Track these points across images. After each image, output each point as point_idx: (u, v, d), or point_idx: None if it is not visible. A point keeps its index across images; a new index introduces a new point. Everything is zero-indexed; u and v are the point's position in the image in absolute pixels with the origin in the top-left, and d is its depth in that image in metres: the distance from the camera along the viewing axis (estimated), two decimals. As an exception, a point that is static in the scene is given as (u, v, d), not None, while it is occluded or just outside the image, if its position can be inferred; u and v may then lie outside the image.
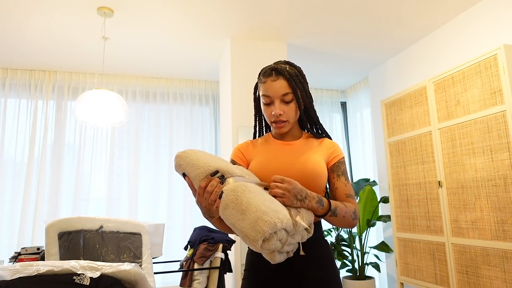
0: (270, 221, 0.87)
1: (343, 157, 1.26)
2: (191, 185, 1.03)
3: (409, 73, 3.47)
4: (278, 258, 0.96)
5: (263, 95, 1.19)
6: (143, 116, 3.94)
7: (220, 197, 0.95)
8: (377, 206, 3.55)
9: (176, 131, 3.99)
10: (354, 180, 4.41)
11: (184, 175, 1.03)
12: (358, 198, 3.68)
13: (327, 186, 1.28)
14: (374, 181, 3.93)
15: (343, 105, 4.71)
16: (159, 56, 3.50)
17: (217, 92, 4.22)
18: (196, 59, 3.60)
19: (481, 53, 2.26)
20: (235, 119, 3.07)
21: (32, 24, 2.83)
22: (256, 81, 1.31)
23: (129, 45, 3.25)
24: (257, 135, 1.37)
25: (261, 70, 1.25)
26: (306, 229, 1.00)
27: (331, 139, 1.31)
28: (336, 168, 1.23)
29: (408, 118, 2.84)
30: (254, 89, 1.31)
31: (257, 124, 1.35)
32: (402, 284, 2.93)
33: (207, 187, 0.96)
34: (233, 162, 1.28)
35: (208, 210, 0.98)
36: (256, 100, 1.31)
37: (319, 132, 1.30)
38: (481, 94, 2.25)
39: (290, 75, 1.18)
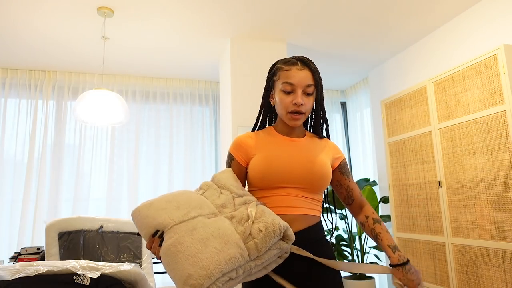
0: (195, 284, 0.86)
1: (345, 158, 1.27)
2: None
3: (409, 73, 3.47)
4: (260, 275, 0.99)
5: (285, 82, 1.15)
6: (143, 116, 3.94)
7: None
8: (377, 206, 3.55)
9: (176, 131, 3.99)
10: (354, 180, 4.41)
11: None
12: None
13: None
14: (374, 181, 3.93)
15: (343, 105, 4.71)
16: (159, 56, 3.50)
17: (217, 92, 4.22)
18: (196, 59, 3.60)
19: (481, 53, 2.26)
20: (235, 119, 3.06)
21: (32, 24, 2.83)
22: (272, 72, 1.25)
23: (129, 45, 3.25)
24: (257, 128, 1.32)
25: (280, 60, 1.22)
26: (283, 239, 1.00)
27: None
28: (344, 170, 1.24)
29: (408, 118, 2.84)
30: (267, 79, 1.26)
31: (262, 116, 1.30)
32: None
33: (151, 250, 0.98)
34: (231, 156, 1.23)
35: None
36: (266, 90, 1.26)
37: (323, 133, 1.29)
38: (481, 94, 2.25)
39: (315, 68, 1.17)
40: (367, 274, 3.58)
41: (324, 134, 1.50)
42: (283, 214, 1.12)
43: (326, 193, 1.31)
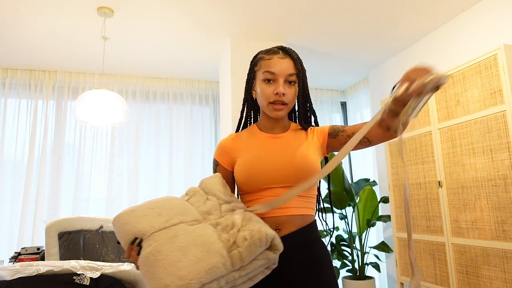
0: None
1: (332, 126, 1.18)
2: None
3: (409, 73, 3.47)
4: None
5: (266, 71, 1.10)
6: (143, 116, 3.94)
7: None
8: (377, 206, 3.55)
9: (176, 131, 3.99)
10: (354, 180, 4.41)
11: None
12: (358, 198, 3.68)
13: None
14: (374, 181, 3.93)
15: (343, 105, 4.71)
16: (159, 56, 3.50)
17: (217, 92, 4.22)
18: (196, 59, 3.60)
19: (481, 53, 2.26)
20: (235, 119, 3.07)
21: (32, 24, 2.83)
22: (253, 63, 1.19)
23: (129, 45, 3.25)
24: (241, 127, 1.26)
25: (261, 51, 1.18)
26: (272, 245, 0.95)
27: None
28: (336, 131, 1.14)
29: (408, 118, 2.84)
30: (249, 70, 1.20)
31: (245, 112, 1.24)
32: (402, 284, 2.93)
33: (130, 259, 0.94)
34: (216, 162, 1.20)
35: None
36: (248, 82, 1.20)
37: (310, 123, 1.22)
38: (481, 94, 2.25)
39: (297, 57, 1.14)
40: (367, 274, 3.58)
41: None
42: (272, 216, 1.07)
43: (319, 187, 1.25)
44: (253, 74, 1.18)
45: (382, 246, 3.51)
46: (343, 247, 3.69)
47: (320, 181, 1.22)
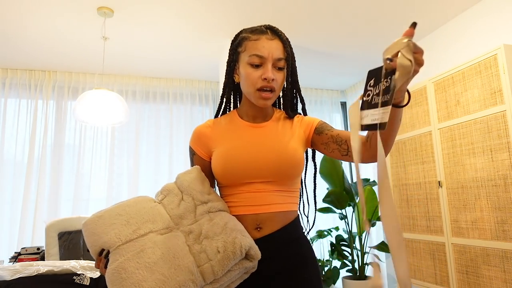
0: None
1: (320, 120, 1.09)
2: None
3: (409, 73, 3.47)
4: None
5: (253, 54, 0.98)
6: (143, 116, 3.94)
7: None
8: (377, 206, 3.55)
9: (176, 131, 3.99)
10: (354, 180, 4.41)
11: None
12: (358, 198, 3.68)
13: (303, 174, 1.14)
14: (374, 181, 3.93)
15: (343, 105, 4.71)
16: (159, 56, 3.50)
17: (217, 92, 4.22)
18: (196, 59, 3.60)
19: (481, 53, 2.26)
20: (235, 119, 3.06)
21: (32, 24, 2.83)
22: (236, 42, 1.06)
23: (129, 45, 3.25)
24: (220, 113, 1.15)
25: (246, 29, 1.05)
26: (247, 255, 0.90)
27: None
28: (321, 129, 1.05)
29: (408, 118, 2.84)
30: (230, 50, 1.07)
31: (226, 97, 1.12)
32: (402, 284, 2.92)
33: (99, 269, 0.89)
34: (192, 150, 1.10)
35: None
36: (230, 65, 1.08)
37: (297, 110, 1.13)
38: (481, 94, 2.25)
39: (286, 39, 1.02)
40: (367, 274, 3.58)
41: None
42: (253, 214, 0.99)
43: (304, 179, 1.17)
44: (236, 55, 1.05)
45: (382, 246, 3.51)
46: (343, 247, 3.69)
47: (305, 174, 1.15)
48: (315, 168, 1.18)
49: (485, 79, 2.23)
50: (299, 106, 2.36)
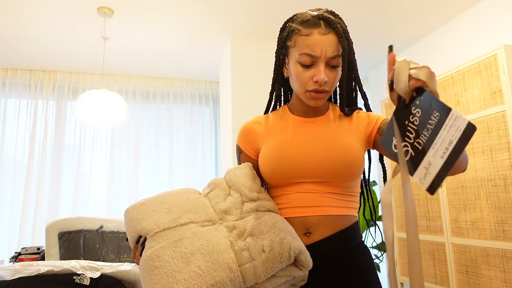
0: None
1: (386, 118, 0.95)
2: None
3: (409, 73, 3.47)
4: None
5: (304, 53, 0.86)
6: (143, 116, 3.94)
7: None
8: (377, 206, 3.55)
9: (176, 131, 3.99)
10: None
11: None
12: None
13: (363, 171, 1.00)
14: (374, 181, 3.93)
15: (343, 105, 4.71)
16: (159, 56, 3.50)
17: (217, 92, 4.22)
18: (196, 59, 3.60)
19: (481, 53, 2.26)
20: (235, 119, 3.07)
21: (32, 24, 2.83)
22: (285, 35, 0.94)
23: (129, 45, 3.25)
24: (270, 108, 1.05)
25: (297, 17, 0.92)
26: (296, 262, 0.80)
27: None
28: (385, 126, 0.95)
29: (408, 118, 2.84)
30: (279, 42, 0.96)
31: (276, 93, 1.02)
32: (402, 284, 2.93)
33: (134, 259, 0.84)
34: (239, 149, 1.02)
35: None
36: (279, 59, 0.97)
37: (356, 104, 1.00)
38: (481, 94, 2.25)
39: (343, 30, 0.88)
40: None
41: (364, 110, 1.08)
42: (301, 217, 0.88)
43: (368, 180, 1.04)
44: (285, 50, 0.93)
45: (382, 246, 3.52)
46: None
47: (368, 176, 1.04)
48: (384, 171, 1.03)
49: (485, 79, 2.23)
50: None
